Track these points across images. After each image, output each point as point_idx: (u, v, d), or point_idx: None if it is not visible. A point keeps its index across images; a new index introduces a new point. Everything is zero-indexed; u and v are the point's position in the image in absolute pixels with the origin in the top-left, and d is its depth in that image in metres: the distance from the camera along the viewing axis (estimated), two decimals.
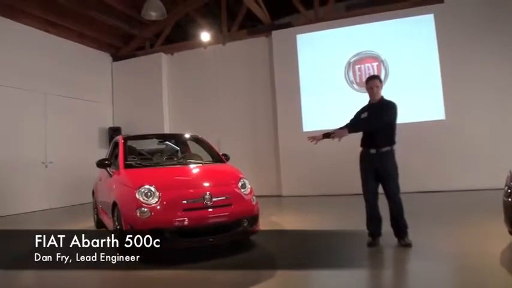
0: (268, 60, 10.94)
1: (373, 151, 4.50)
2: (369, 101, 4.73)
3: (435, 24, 9.33)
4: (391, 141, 4.52)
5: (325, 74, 10.27)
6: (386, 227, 4.66)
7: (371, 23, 9.86)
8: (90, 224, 6.79)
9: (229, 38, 11.39)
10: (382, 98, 4.65)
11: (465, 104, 9.01)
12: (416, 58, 9.43)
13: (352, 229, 5.62)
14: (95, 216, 6.64)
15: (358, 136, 4.75)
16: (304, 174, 10.08)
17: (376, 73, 9.71)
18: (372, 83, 4.64)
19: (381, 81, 4.72)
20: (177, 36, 12.25)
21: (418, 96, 9.25)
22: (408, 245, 4.37)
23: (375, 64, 9.85)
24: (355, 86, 9.95)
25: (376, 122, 4.48)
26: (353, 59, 10.04)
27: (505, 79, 8.84)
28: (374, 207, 4.56)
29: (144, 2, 9.06)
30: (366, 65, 9.93)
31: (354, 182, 8.96)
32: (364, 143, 4.62)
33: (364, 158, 4.61)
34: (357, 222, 5.95)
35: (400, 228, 4.46)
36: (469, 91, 9.01)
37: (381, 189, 4.61)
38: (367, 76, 5.16)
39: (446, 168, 8.98)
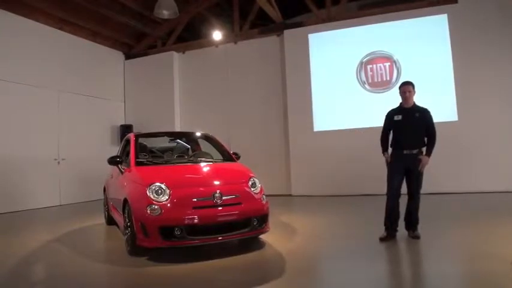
0: (280, 60, 10.93)
1: (407, 152, 4.76)
2: (401, 104, 4.95)
3: (449, 24, 9.23)
4: (423, 143, 4.82)
5: (336, 74, 10.22)
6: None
7: (383, 23, 9.77)
8: (101, 221, 6.86)
9: (241, 36, 11.42)
10: (414, 103, 4.91)
11: (478, 106, 8.90)
12: (429, 58, 9.32)
13: (362, 229, 5.62)
14: (106, 212, 6.71)
15: (368, 137, 4.77)
16: (314, 174, 10.07)
17: (388, 73, 9.68)
18: (405, 88, 4.86)
19: (413, 87, 4.88)
20: (189, 35, 12.32)
21: (431, 97, 9.06)
22: (416, 237, 4.73)
23: (387, 64, 9.76)
24: (366, 86, 9.88)
25: (434, 134, 4.82)
26: (365, 58, 9.97)
27: None
28: (395, 204, 4.81)
29: (157, 0, 9.11)
30: (378, 65, 9.85)
31: (365, 183, 9.04)
32: (398, 145, 4.87)
33: (396, 158, 4.84)
34: (367, 222, 5.95)
35: (412, 221, 4.83)
36: (482, 92, 8.91)
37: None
38: (380, 78, 5.27)
39: (459, 170, 8.88)
